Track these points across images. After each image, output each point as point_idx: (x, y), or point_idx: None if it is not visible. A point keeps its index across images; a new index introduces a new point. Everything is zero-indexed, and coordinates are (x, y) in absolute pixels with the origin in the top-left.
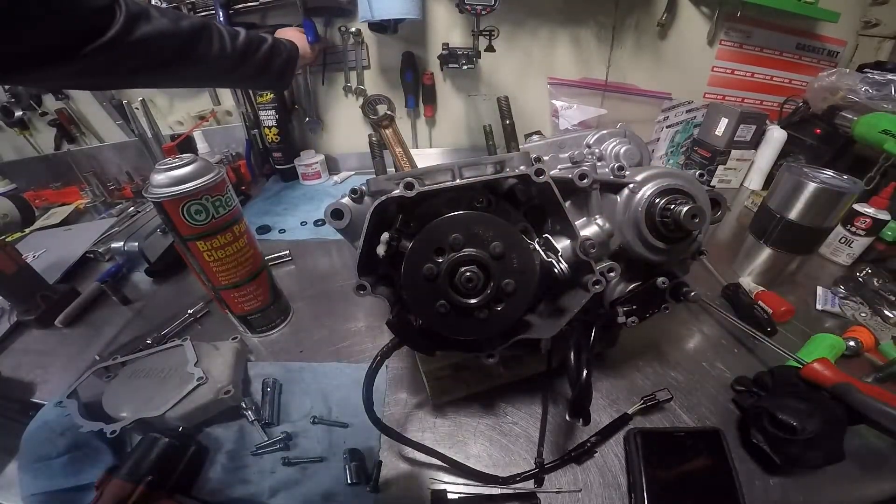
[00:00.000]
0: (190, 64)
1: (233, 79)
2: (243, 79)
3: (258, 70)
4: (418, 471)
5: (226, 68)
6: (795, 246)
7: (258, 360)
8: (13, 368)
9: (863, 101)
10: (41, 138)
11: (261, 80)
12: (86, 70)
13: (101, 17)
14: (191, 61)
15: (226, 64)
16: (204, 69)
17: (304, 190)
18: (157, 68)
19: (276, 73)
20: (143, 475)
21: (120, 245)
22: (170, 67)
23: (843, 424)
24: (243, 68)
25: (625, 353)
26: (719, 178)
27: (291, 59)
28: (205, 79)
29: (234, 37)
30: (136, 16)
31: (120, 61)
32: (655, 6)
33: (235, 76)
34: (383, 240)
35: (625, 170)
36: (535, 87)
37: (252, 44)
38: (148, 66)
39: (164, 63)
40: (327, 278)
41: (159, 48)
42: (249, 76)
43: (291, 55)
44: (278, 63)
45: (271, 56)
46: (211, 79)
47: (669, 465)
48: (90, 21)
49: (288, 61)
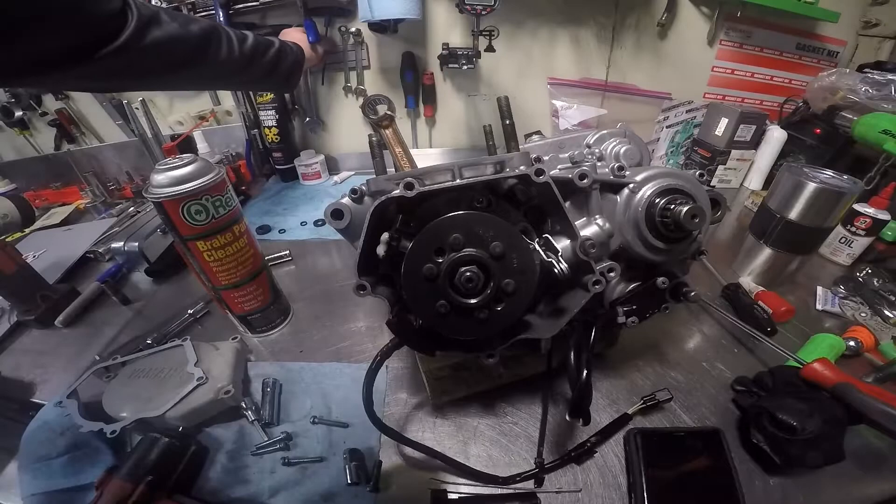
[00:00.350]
0: (199, 68)
1: (241, 81)
2: (251, 81)
3: (266, 73)
4: (418, 471)
5: (234, 71)
6: (795, 246)
7: (258, 360)
8: (13, 368)
9: (863, 101)
10: (41, 138)
11: (268, 82)
12: (98, 73)
13: (114, 22)
14: (200, 65)
15: (234, 67)
16: (213, 72)
17: (304, 190)
18: (166, 72)
19: (284, 75)
20: (143, 475)
21: (120, 245)
22: (179, 71)
23: (843, 424)
24: (251, 71)
25: (625, 353)
26: (719, 178)
27: (298, 62)
28: (213, 81)
29: (243, 40)
30: (148, 20)
31: (131, 65)
32: (655, 6)
33: (243, 79)
34: (383, 240)
35: (625, 170)
36: (535, 87)
37: (260, 47)
38: (158, 70)
39: (173, 67)
40: (327, 278)
41: (170, 52)
42: (257, 79)
43: (298, 58)
44: (285, 66)
45: (279, 59)
46: (219, 82)
47: (669, 465)
48: (103, 26)
49: (295, 64)
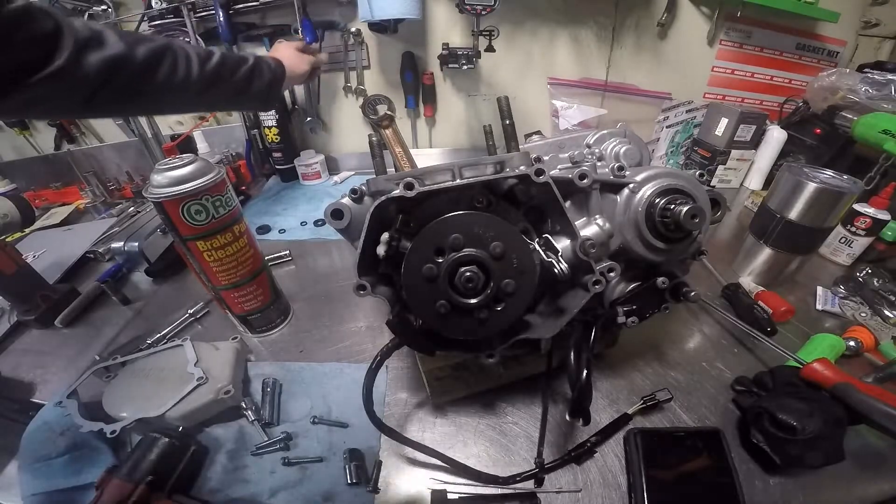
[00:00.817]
0: (150, 91)
1: (206, 103)
2: (218, 102)
3: (237, 92)
4: (418, 471)
5: (196, 92)
6: (795, 246)
7: (258, 360)
8: (13, 368)
9: (863, 101)
10: (41, 138)
11: (242, 102)
12: (35, 100)
13: (45, 46)
14: (151, 88)
15: (195, 88)
16: (169, 96)
17: (304, 190)
18: (113, 97)
19: (257, 95)
20: (143, 475)
21: (120, 245)
22: (128, 95)
23: (843, 424)
24: (218, 91)
25: (625, 353)
26: (719, 178)
27: (276, 81)
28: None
29: (206, 59)
30: (86, 42)
31: (72, 91)
32: (655, 6)
33: (210, 99)
34: (383, 240)
35: (625, 170)
36: (535, 87)
37: (227, 65)
38: (103, 96)
39: (120, 91)
40: (327, 278)
41: (113, 74)
42: (228, 99)
43: (276, 76)
44: (260, 85)
45: (251, 77)
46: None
47: (669, 465)
48: (30, 51)
49: (271, 84)
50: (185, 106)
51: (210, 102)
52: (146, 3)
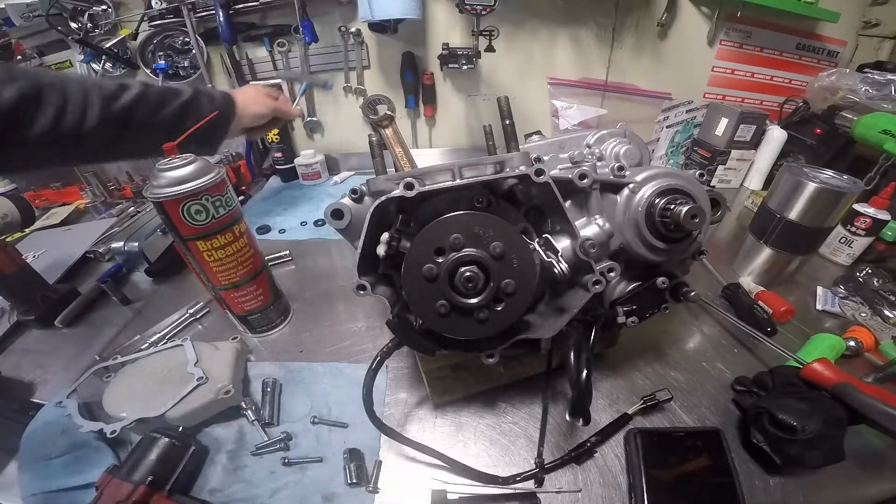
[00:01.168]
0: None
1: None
2: (142, 149)
3: (167, 132)
4: (418, 471)
5: (102, 142)
6: (795, 246)
7: (258, 360)
8: (13, 368)
9: (863, 101)
10: None
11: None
12: None
13: None
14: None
15: (98, 136)
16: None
17: (304, 190)
18: None
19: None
20: (143, 475)
21: (120, 245)
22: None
23: (843, 424)
24: (133, 136)
25: (625, 353)
26: (719, 178)
27: (222, 121)
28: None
29: (111, 97)
30: None
31: None
32: (655, 6)
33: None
34: (383, 240)
35: (625, 170)
36: (535, 87)
37: (146, 102)
38: None
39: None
40: (327, 278)
41: None
42: (151, 145)
43: (224, 115)
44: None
45: (183, 115)
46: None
47: (669, 465)
48: None
49: (216, 125)
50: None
51: (130, 151)
52: (146, 3)
